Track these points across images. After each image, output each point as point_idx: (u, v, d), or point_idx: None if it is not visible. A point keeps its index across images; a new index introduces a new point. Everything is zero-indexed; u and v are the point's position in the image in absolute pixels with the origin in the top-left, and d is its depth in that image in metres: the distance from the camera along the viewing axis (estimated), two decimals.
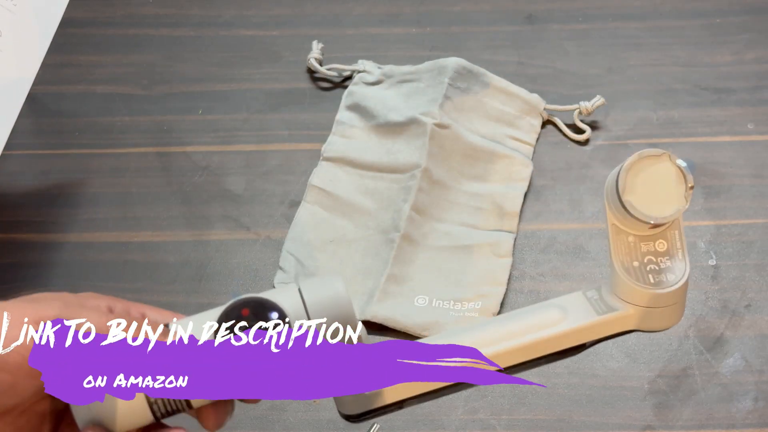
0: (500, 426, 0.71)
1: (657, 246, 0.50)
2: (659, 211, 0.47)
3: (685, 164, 0.48)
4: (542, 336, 0.51)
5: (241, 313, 0.45)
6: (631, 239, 0.50)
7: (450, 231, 0.80)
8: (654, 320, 0.51)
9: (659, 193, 0.48)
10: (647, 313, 0.50)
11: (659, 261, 0.49)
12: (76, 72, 0.94)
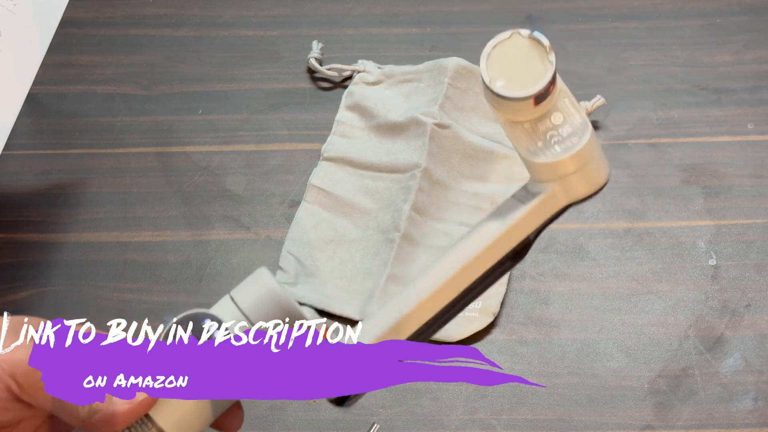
0: (500, 426, 0.71)
1: (553, 120, 0.49)
2: (533, 83, 0.47)
3: (536, 32, 0.48)
4: (482, 247, 0.51)
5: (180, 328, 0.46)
6: (527, 125, 0.49)
7: (450, 231, 0.80)
8: (579, 185, 0.50)
9: (526, 71, 0.48)
10: (569, 181, 0.50)
11: (560, 132, 0.49)
12: (76, 72, 0.94)
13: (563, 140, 0.49)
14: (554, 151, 0.49)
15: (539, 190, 0.50)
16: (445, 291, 0.51)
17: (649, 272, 0.79)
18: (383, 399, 0.72)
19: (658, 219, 0.82)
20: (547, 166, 0.49)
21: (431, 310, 0.51)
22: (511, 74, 0.48)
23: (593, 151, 0.49)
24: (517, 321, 0.76)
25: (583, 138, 0.49)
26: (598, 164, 0.50)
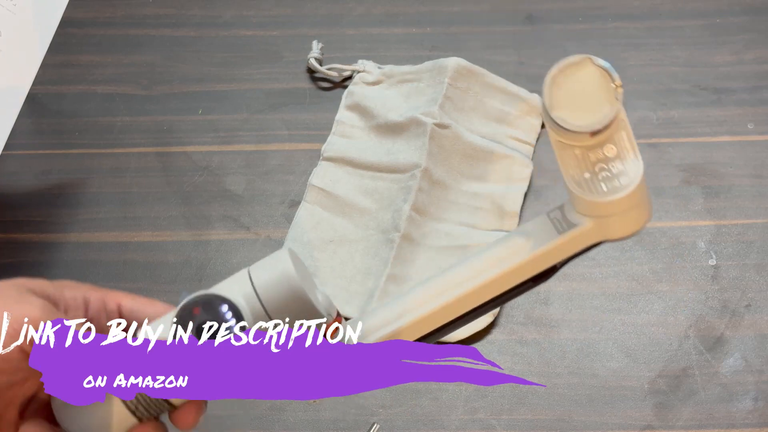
0: (500, 426, 0.71)
1: (606, 152, 0.47)
2: (592, 118, 0.45)
3: (607, 64, 0.47)
4: (508, 267, 0.49)
5: (193, 312, 0.45)
6: (578, 152, 0.47)
7: (450, 231, 0.80)
8: (617, 227, 0.49)
9: (589, 101, 0.46)
10: (608, 222, 0.48)
11: (611, 167, 0.46)
12: (76, 72, 0.94)
13: (611, 178, 0.46)
14: (600, 189, 0.46)
15: (576, 222, 0.49)
16: (460, 303, 0.50)
17: (649, 272, 0.79)
18: (383, 399, 0.72)
19: (658, 219, 0.82)
20: (589, 203, 0.47)
21: (439, 321, 0.50)
22: (572, 101, 0.46)
23: (640, 197, 0.47)
24: (517, 321, 0.76)
25: (632, 181, 0.46)
26: (641, 209, 0.48)
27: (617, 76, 0.47)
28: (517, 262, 0.49)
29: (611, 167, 0.46)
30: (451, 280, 0.50)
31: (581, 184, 0.47)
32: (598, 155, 0.46)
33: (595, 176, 0.46)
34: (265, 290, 0.47)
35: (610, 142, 0.46)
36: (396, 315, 0.50)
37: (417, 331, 0.50)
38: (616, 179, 0.46)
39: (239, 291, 0.47)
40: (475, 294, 0.50)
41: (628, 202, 0.46)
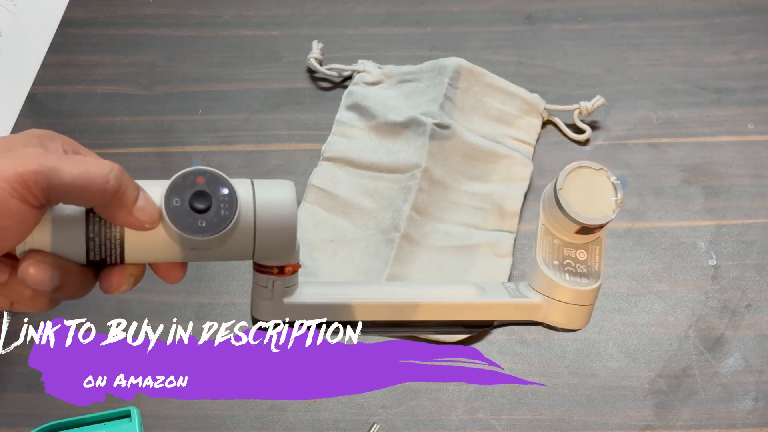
0: (500, 426, 0.71)
1: (578, 254, 0.55)
2: (587, 215, 0.52)
3: (618, 181, 0.54)
4: (452, 300, 0.54)
5: (196, 180, 0.45)
6: (557, 242, 0.54)
7: (450, 231, 0.80)
8: (559, 315, 0.54)
9: (591, 202, 0.53)
10: (554, 306, 0.54)
11: (577, 267, 0.54)
12: (76, 72, 0.94)
13: (574, 274, 0.54)
14: (562, 276, 0.54)
15: (527, 296, 0.55)
16: (385, 309, 0.53)
17: (649, 272, 0.79)
18: (383, 399, 0.72)
19: (658, 219, 0.82)
20: (548, 281, 0.54)
21: (361, 316, 0.53)
22: (576, 194, 0.53)
23: (589, 299, 0.54)
24: None
25: (590, 285, 0.54)
26: (583, 311, 0.54)
27: (622, 193, 0.53)
28: (462, 300, 0.54)
29: (576, 267, 0.54)
30: (397, 289, 0.55)
31: (548, 265, 0.54)
32: (571, 253, 0.54)
33: (562, 266, 0.54)
34: (262, 203, 0.47)
35: (584, 249, 0.55)
36: (335, 292, 0.53)
37: (342, 315, 0.53)
38: (577, 277, 0.54)
39: (239, 188, 0.46)
40: (409, 307, 0.54)
41: (578, 298, 0.54)
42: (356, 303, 0.53)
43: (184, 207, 0.44)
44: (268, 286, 0.51)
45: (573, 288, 0.53)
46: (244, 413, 0.72)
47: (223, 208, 0.45)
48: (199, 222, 0.44)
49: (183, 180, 0.44)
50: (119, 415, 0.70)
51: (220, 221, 0.44)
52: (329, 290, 0.54)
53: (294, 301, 0.52)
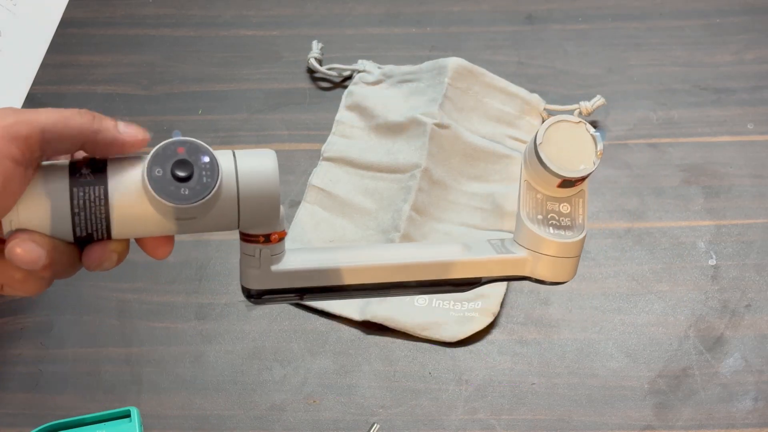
0: (500, 426, 0.71)
1: (561, 208, 0.55)
2: (568, 168, 0.53)
3: (597, 133, 0.54)
4: (438, 259, 0.55)
5: (177, 150, 0.45)
6: (540, 197, 0.55)
7: (450, 231, 0.80)
8: (546, 269, 0.55)
9: (572, 155, 0.53)
10: (540, 259, 0.54)
11: (561, 220, 0.55)
12: (76, 72, 0.94)
13: (558, 227, 0.54)
14: (547, 230, 0.54)
15: (513, 251, 0.55)
16: (371, 272, 0.54)
17: (649, 272, 0.79)
18: (383, 399, 0.72)
19: (658, 219, 0.82)
20: (533, 236, 0.54)
21: (349, 280, 0.54)
22: (557, 149, 0.53)
23: (574, 251, 0.55)
24: (517, 321, 0.76)
25: (575, 237, 0.54)
26: (569, 263, 0.55)
27: (601, 145, 0.54)
28: (448, 259, 0.55)
29: (561, 220, 0.55)
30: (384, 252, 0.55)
31: (532, 220, 0.54)
32: (554, 207, 0.55)
33: (546, 220, 0.55)
34: (244, 170, 0.47)
35: (567, 202, 0.55)
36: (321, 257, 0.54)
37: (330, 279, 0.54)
38: (562, 230, 0.54)
39: (221, 157, 0.47)
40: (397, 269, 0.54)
41: (563, 250, 0.54)
42: (344, 267, 0.53)
43: (166, 176, 0.45)
44: (255, 255, 0.52)
45: (558, 241, 0.54)
46: (244, 413, 0.72)
47: (205, 175, 0.45)
48: (182, 190, 0.45)
49: (164, 150, 0.45)
50: (119, 415, 0.70)
51: (203, 188, 0.45)
52: (316, 255, 0.54)
53: (281, 269, 0.53)
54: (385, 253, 0.55)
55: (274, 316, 0.77)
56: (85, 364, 0.75)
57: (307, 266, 0.53)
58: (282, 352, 0.75)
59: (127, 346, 0.76)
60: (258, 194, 0.48)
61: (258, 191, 0.48)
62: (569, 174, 0.53)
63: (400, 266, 0.54)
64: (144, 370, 0.75)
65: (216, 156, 0.46)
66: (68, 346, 0.76)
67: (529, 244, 0.55)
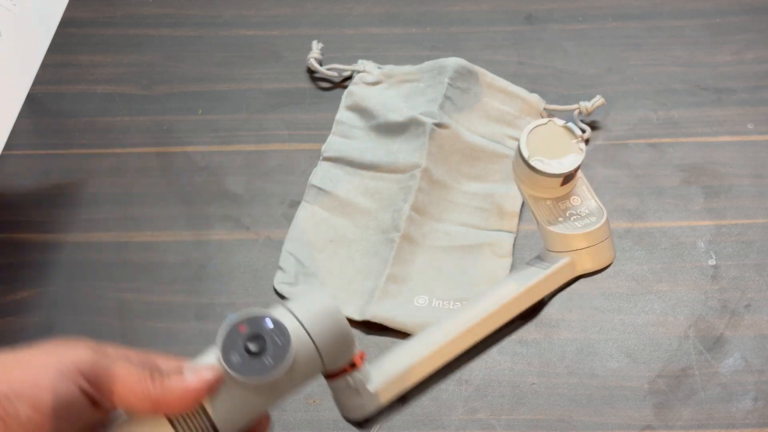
0: (500, 426, 0.71)
1: (572, 201, 0.57)
2: (564, 164, 0.55)
3: (568, 123, 0.56)
4: (506, 301, 0.56)
5: (240, 330, 0.46)
6: (549, 203, 0.57)
7: (450, 231, 0.80)
8: (589, 261, 0.57)
9: (558, 152, 0.55)
10: (581, 255, 0.56)
11: (579, 212, 0.57)
12: (76, 72, 0.94)
13: (582, 218, 0.56)
14: (574, 226, 0.56)
15: (553, 261, 0.57)
16: (454, 344, 0.55)
17: (649, 272, 0.79)
18: None
19: (658, 219, 0.82)
20: (564, 238, 0.56)
21: (439, 361, 0.55)
22: (545, 154, 0.55)
23: (606, 232, 0.56)
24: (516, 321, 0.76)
25: (600, 219, 0.56)
26: (607, 245, 0.57)
27: (578, 130, 0.56)
28: (507, 300, 0.56)
29: (579, 212, 0.57)
30: (445, 329, 0.56)
31: (555, 225, 0.56)
32: (566, 204, 0.57)
33: (568, 219, 0.56)
34: (305, 317, 0.48)
35: (575, 194, 0.57)
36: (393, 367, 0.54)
37: (410, 380, 0.54)
38: (586, 218, 0.56)
39: (281, 317, 0.47)
40: (466, 336, 0.56)
41: (598, 236, 0.56)
42: (430, 352, 0.54)
43: (245, 358, 0.45)
44: (350, 385, 0.52)
45: (588, 231, 0.55)
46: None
47: (278, 338, 0.46)
48: (265, 361, 0.45)
49: (229, 337, 0.45)
50: None
51: (282, 348, 0.46)
52: (396, 355, 0.55)
53: (379, 384, 0.53)
54: (458, 322, 0.56)
55: None
56: None
57: (399, 369, 0.54)
58: None
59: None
60: (331, 334, 0.48)
61: (330, 331, 0.48)
62: (568, 169, 0.55)
63: (477, 325, 0.56)
64: None
65: (276, 316, 0.46)
66: None
67: (563, 247, 0.56)
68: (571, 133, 0.56)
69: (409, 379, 0.54)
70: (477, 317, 0.55)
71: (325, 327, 0.48)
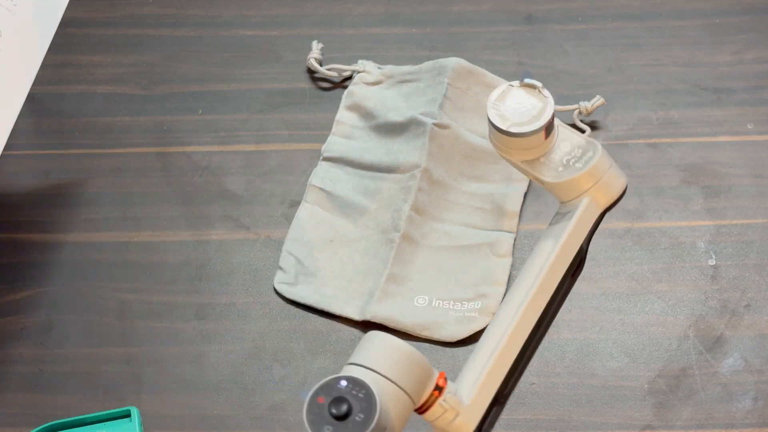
0: (500, 426, 0.71)
1: (563, 148, 0.57)
2: (540, 117, 0.55)
3: (525, 79, 0.56)
4: (551, 262, 0.55)
5: (318, 401, 0.45)
6: (543, 159, 0.56)
7: (450, 231, 0.80)
8: (604, 194, 0.56)
9: (528, 110, 0.55)
10: (594, 192, 0.56)
11: (574, 153, 0.56)
12: (76, 72, 0.94)
13: (579, 158, 0.56)
14: (575, 168, 0.55)
15: (573, 208, 0.56)
16: (523, 323, 0.55)
17: (648, 272, 0.79)
18: None
19: (658, 219, 0.82)
20: (571, 184, 0.55)
21: (514, 346, 0.54)
22: (517, 117, 0.55)
23: (608, 161, 0.56)
24: None
25: (597, 152, 0.55)
26: (614, 172, 0.56)
27: (534, 81, 0.56)
28: (551, 259, 0.55)
29: (574, 154, 0.56)
30: (511, 303, 0.55)
31: (560, 175, 0.56)
32: (558, 153, 0.56)
33: (567, 165, 0.56)
34: (374, 361, 0.47)
35: (562, 140, 0.57)
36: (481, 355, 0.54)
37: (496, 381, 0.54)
38: (583, 156, 0.56)
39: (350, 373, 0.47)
40: (530, 311, 0.55)
41: (602, 167, 0.55)
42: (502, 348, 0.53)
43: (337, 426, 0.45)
44: (445, 407, 0.51)
45: (591, 166, 0.55)
46: (244, 413, 0.72)
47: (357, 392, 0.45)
48: (356, 419, 0.45)
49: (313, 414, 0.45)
50: (119, 415, 0.70)
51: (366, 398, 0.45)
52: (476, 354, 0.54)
53: (471, 393, 0.52)
54: (516, 298, 0.55)
55: (274, 316, 0.77)
56: (85, 364, 0.75)
57: (482, 370, 0.53)
58: (282, 352, 0.75)
59: (127, 346, 0.76)
60: (404, 365, 0.48)
61: (400, 363, 0.48)
62: (546, 119, 0.54)
63: (537, 293, 0.55)
64: (144, 370, 0.75)
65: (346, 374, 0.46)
66: (68, 346, 0.76)
67: (575, 192, 0.56)
68: (530, 87, 0.56)
69: (496, 376, 0.53)
70: (533, 286, 0.55)
71: (395, 361, 0.47)
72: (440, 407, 0.50)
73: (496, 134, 0.56)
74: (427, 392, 0.50)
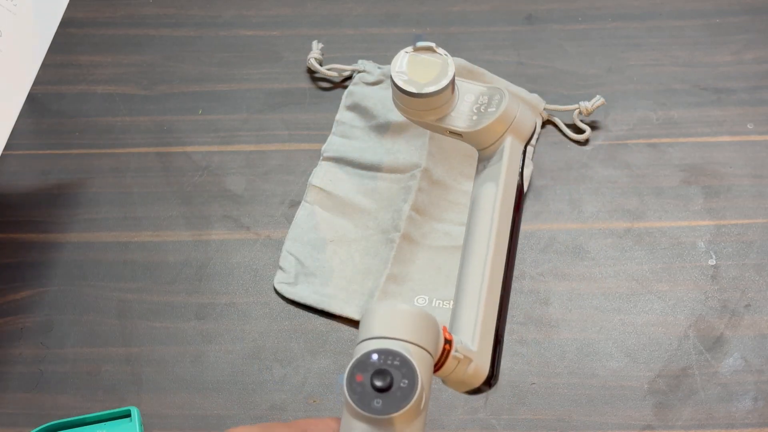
0: (500, 426, 0.71)
1: (467, 99, 0.60)
2: (444, 75, 0.58)
3: (417, 42, 0.60)
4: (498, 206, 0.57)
5: (357, 380, 0.45)
6: (453, 113, 0.60)
7: (450, 231, 0.80)
8: (524, 124, 0.59)
9: (429, 69, 0.58)
10: (515, 127, 0.59)
11: (482, 101, 0.59)
12: (76, 72, 0.94)
13: (489, 104, 0.59)
14: (489, 113, 0.58)
15: (496, 150, 0.59)
16: (496, 263, 0.56)
17: (649, 272, 0.79)
18: None
19: (658, 219, 0.82)
20: (490, 128, 0.58)
21: (497, 288, 0.56)
22: (422, 78, 0.58)
23: (517, 101, 0.59)
24: (517, 321, 0.76)
25: (504, 95, 0.59)
26: (525, 109, 0.59)
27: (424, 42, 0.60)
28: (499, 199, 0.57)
29: (482, 100, 0.59)
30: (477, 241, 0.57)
31: (477, 123, 0.59)
32: (468, 105, 0.60)
33: (480, 113, 0.59)
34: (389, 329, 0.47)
35: (465, 92, 0.60)
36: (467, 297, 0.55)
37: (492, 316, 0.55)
38: (492, 100, 0.59)
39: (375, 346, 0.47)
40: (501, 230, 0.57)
41: (514, 107, 0.58)
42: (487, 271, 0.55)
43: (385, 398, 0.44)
44: (459, 358, 0.51)
45: (505, 108, 0.58)
46: (244, 413, 0.72)
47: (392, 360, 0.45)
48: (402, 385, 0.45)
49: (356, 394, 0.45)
50: (119, 415, 0.70)
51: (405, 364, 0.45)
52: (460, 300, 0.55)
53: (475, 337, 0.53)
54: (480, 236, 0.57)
55: (274, 316, 0.77)
56: (85, 364, 0.75)
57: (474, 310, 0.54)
58: (282, 352, 0.75)
59: (127, 346, 0.76)
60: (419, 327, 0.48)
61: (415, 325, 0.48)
62: (452, 74, 0.58)
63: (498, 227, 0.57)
64: (144, 370, 0.75)
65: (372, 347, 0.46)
66: (68, 346, 0.76)
67: (496, 135, 0.58)
68: (425, 49, 0.59)
69: (491, 316, 0.54)
70: (492, 227, 0.56)
71: (409, 324, 0.47)
72: (454, 359, 0.50)
73: (408, 100, 0.58)
74: (440, 348, 0.50)
